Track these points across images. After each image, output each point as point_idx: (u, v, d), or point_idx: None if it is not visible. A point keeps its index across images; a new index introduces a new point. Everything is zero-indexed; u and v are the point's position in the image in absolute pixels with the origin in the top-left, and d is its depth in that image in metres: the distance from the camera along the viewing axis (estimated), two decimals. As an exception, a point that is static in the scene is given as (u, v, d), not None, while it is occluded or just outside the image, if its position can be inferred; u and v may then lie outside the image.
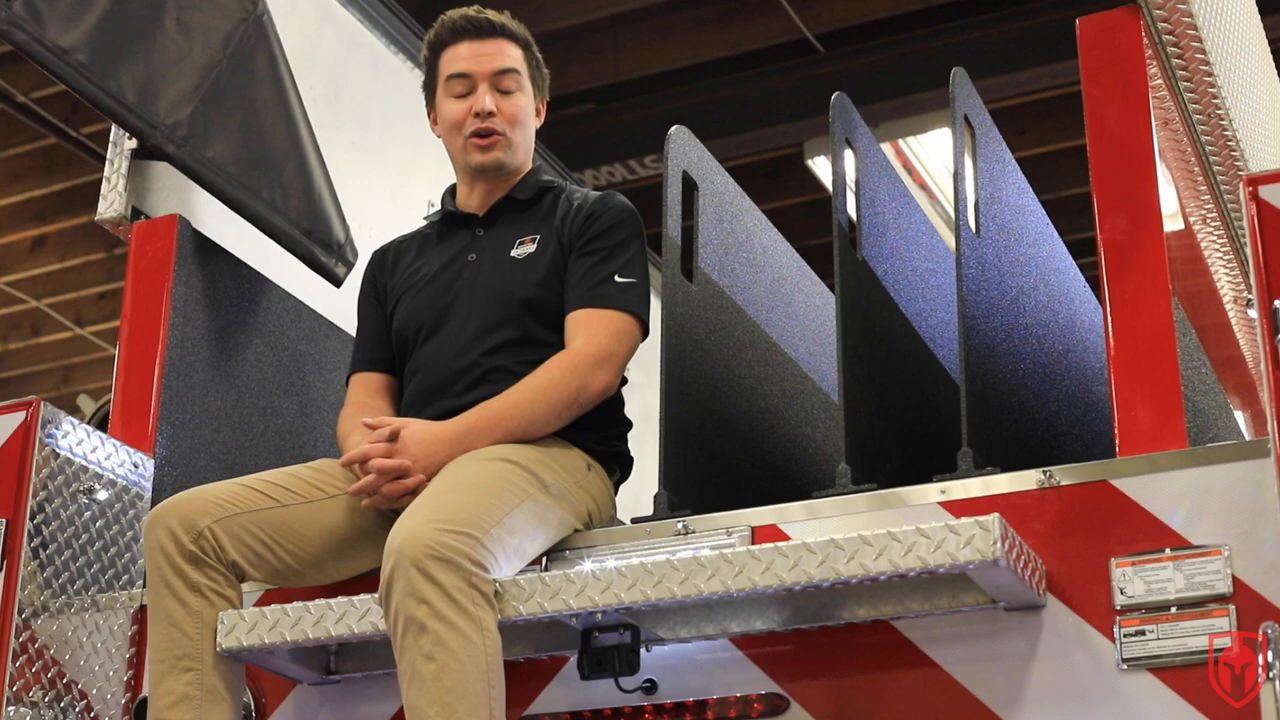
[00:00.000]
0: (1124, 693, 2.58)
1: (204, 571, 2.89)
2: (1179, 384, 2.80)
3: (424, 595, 2.62)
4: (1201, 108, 3.28)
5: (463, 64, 3.32)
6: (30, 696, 3.11)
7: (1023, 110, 8.01)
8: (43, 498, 3.19)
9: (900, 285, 3.44)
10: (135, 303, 3.69)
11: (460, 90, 3.32)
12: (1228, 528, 2.59)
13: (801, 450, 3.64)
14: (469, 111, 3.30)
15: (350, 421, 3.24)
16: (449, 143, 3.37)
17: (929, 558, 2.51)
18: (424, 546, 2.64)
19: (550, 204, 3.34)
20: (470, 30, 3.34)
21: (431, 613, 2.61)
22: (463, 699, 2.58)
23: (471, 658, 2.61)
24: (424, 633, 2.61)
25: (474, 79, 3.31)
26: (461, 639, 2.61)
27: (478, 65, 3.32)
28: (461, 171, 3.41)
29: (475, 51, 3.33)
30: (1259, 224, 2.54)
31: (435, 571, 2.63)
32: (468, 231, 3.36)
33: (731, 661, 2.85)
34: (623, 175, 8.44)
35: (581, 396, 3.08)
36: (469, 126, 3.30)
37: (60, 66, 3.46)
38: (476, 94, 3.31)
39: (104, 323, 10.54)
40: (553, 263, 3.23)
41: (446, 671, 2.59)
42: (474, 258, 3.30)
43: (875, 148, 3.49)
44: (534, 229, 3.30)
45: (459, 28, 3.35)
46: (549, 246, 3.26)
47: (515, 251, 3.28)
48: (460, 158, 3.36)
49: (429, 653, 2.60)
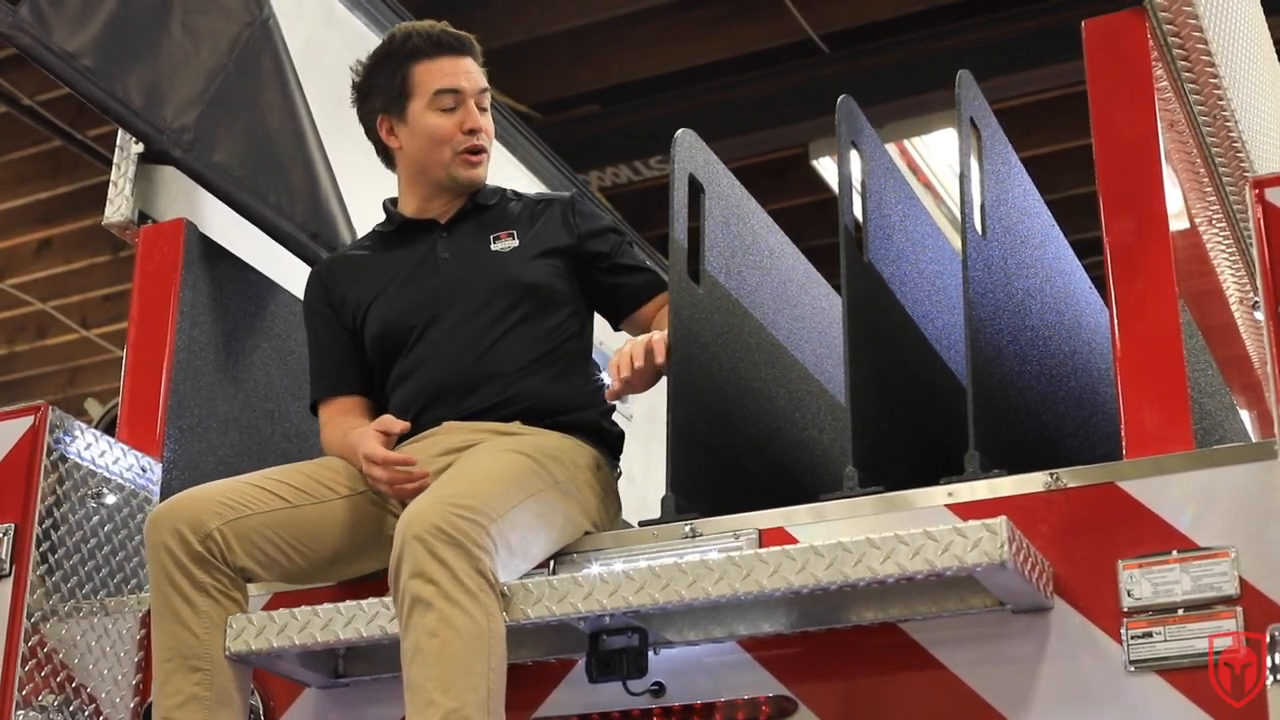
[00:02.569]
0: (1131, 694, 2.58)
1: (211, 572, 2.89)
2: (1185, 386, 2.80)
3: (432, 575, 2.63)
4: (1207, 109, 3.28)
5: (452, 80, 3.32)
6: (40, 700, 3.12)
7: (1027, 110, 8.01)
8: (51, 502, 3.20)
9: (906, 288, 3.44)
10: (142, 307, 3.70)
11: (449, 105, 3.31)
12: (1234, 530, 2.59)
13: (808, 452, 3.64)
14: (458, 127, 3.31)
15: (342, 432, 3.21)
16: (427, 154, 3.34)
17: (936, 561, 2.51)
18: (432, 525, 2.66)
19: (506, 207, 3.39)
20: (454, 46, 3.36)
21: (439, 592, 2.63)
22: (462, 675, 2.60)
23: (474, 636, 2.63)
24: (430, 610, 2.62)
25: (463, 95, 3.32)
26: (466, 618, 2.63)
27: (467, 82, 3.34)
28: (425, 184, 3.38)
29: (460, 68, 3.35)
30: (1265, 227, 2.54)
31: (444, 553, 2.64)
32: (428, 235, 3.36)
33: (739, 664, 2.86)
34: (628, 176, 8.44)
35: None
36: (460, 143, 3.31)
37: (66, 71, 3.47)
38: (466, 110, 3.32)
39: (110, 325, 10.55)
40: (552, 257, 3.28)
41: (448, 647, 2.61)
42: (448, 256, 3.31)
43: (880, 150, 3.49)
44: (506, 226, 3.34)
45: (441, 41, 3.35)
46: (540, 243, 3.30)
47: (495, 246, 3.30)
48: (439, 171, 3.34)
49: (433, 629, 2.62)
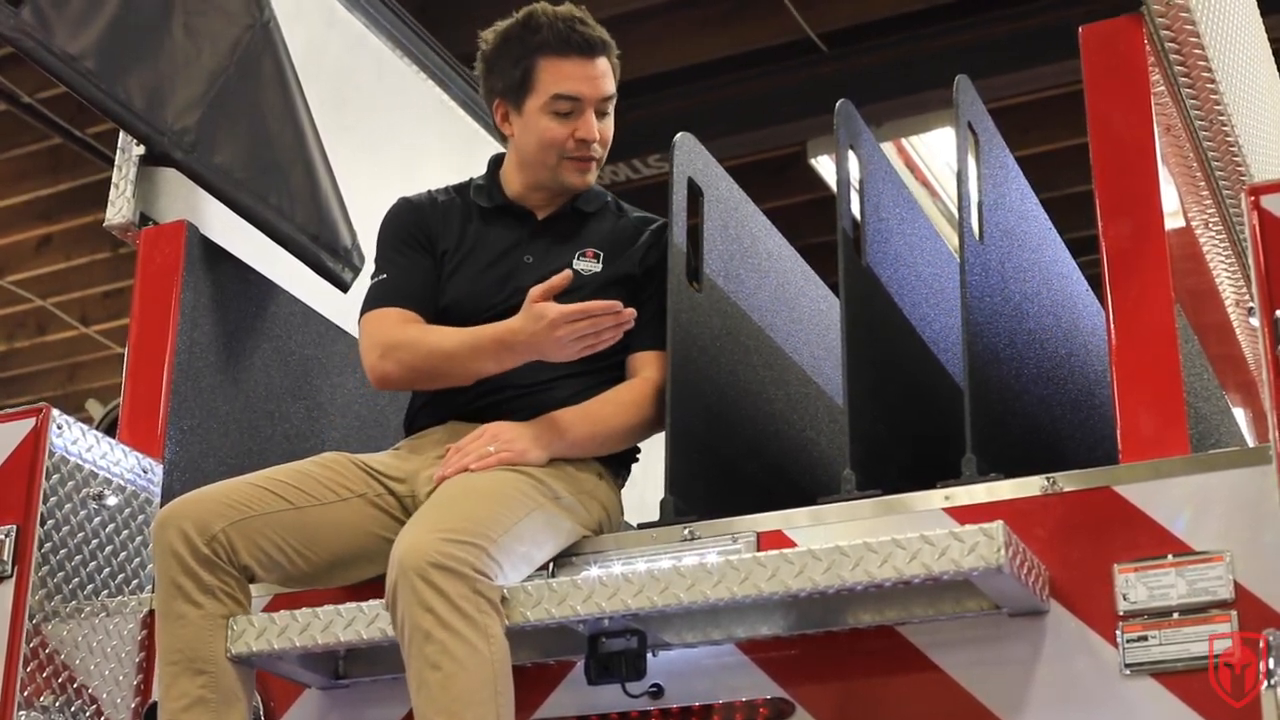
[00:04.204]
0: (1127, 698, 2.59)
1: (216, 574, 2.88)
2: (1181, 390, 2.81)
3: (429, 604, 2.63)
4: (1204, 113, 3.29)
5: (574, 85, 3.19)
6: (41, 701, 3.13)
7: (1025, 109, 8.01)
8: (52, 503, 3.21)
9: (904, 291, 3.46)
10: (143, 308, 3.71)
11: (565, 110, 3.20)
12: (1230, 534, 2.61)
13: (806, 455, 3.65)
14: (571, 134, 3.21)
15: (401, 328, 3.17)
16: (537, 155, 3.24)
17: (933, 564, 2.53)
18: (427, 556, 2.65)
19: (607, 218, 3.33)
20: (584, 48, 3.21)
21: (437, 621, 2.62)
22: (470, 706, 2.59)
23: (478, 665, 2.62)
24: (429, 641, 2.62)
25: (584, 103, 3.21)
26: (467, 647, 2.62)
27: (589, 89, 3.21)
28: (531, 176, 3.30)
29: (586, 73, 3.21)
30: (1261, 234, 2.56)
31: (439, 580, 2.64)
32: (519, 225, 3.31)
33: (737, 666, 2.87)
34: (626, 175, 8.44)
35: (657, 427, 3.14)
36: (571, 150, 3.22)
37: (68, 73, 3.48)
38: (583, 118, 3.21)
39: (109, 321, 10.55)
40: (621, 287, 3.21)
41: (453, 680, 2.60)
42: (530, 260, 3.25)
43: (879, 153, 3.51)
44: (595, 243, 3.28)
45: (573, 41, 3.20)
46: (618, 269, 3.25)
47: (579, 264, 3.23)
48: (545, 173, 3.26)
49: (435, 661, 2.61)
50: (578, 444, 3.10)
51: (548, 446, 3.05)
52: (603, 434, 3.13)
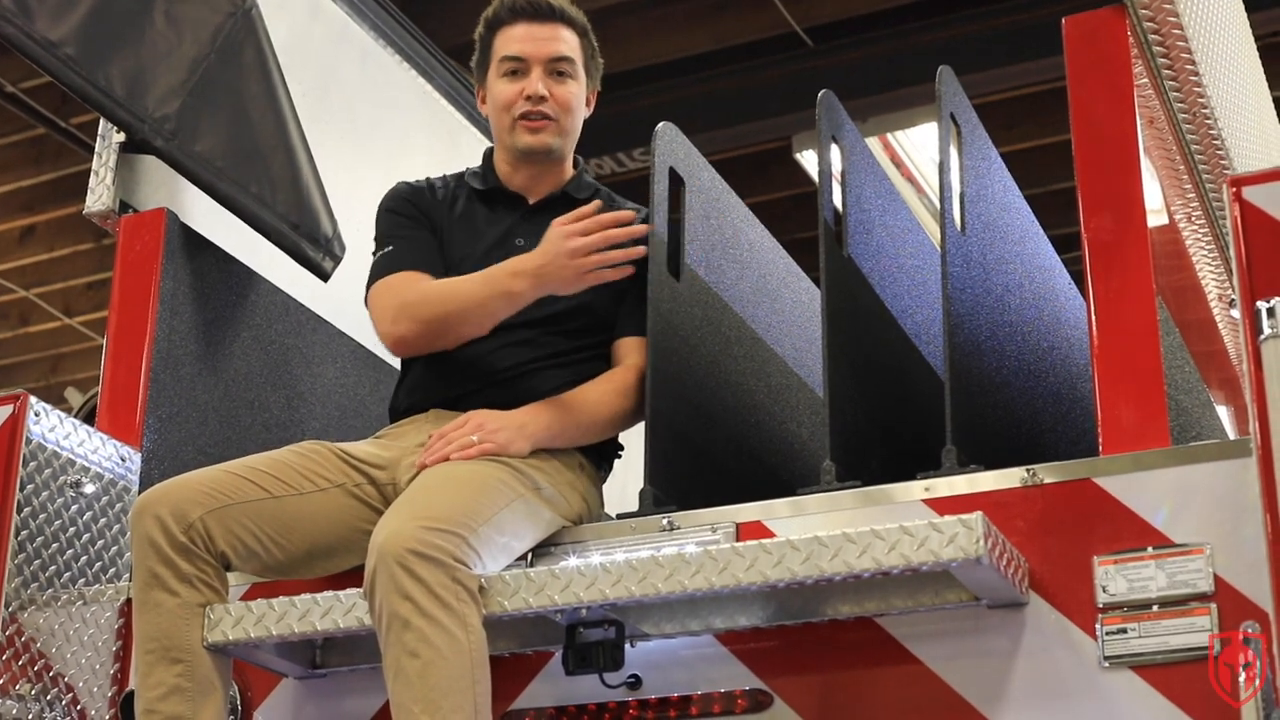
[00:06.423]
0: (1106, 690, 2.59)
1: (194, 562, 2.86)
2: (1162, 383, 2.81)
3: (408, 591, 2.62)
4: (1186, 106, 3.29)
5: (517, 46, 3.31)
6: (17, 690, 3.12)
7: (1010, 105, 8.03)
8: (29, 491, 3.19)
9: (885, 282, 3.45)
10: (123, 296, 3.69)
11: (512, 69, 3.30)
12: (1210, 526, 2.61)
13: (787, 446, 3.65)
14: (520, 94, 3.29)
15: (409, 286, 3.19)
16: (496, 122, 3.35)
17: (913, 555, 2.52)
18: (407, 544, 2.64)
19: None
20: (529, 12, 3.33)
21: (415, 609, 2.61)
22: (447, 695, 2.58)
23: (456, 654, 2.61)
24: (407, 629, 2.61)
25: (528, 62, 3.30)
26: (445, 635, 2.61)
27: (533, 49, 3.30)
28: (506, 151, 3.38)
29: (531, 35, 3.31)
30: (1242, 225, 2.55)
31: (418, 568, 2.63)
32: (511, 210, 3.36)
33: (716, 657, 2.87)
34: (611, 168, 8.43)
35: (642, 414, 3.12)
36: (518, 108, 3.29)
37: (48, 60, 3.46)
38: (529, 77, 3.29)
39: (92, 313, 10.53)
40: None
41: (431, 668, 2.59)
42: (522, 243, 3.25)
43: (861, 144, 3.50)
44: None
45: (517, 8, 3.33)
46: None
47: None
48: (506, 138, 3.34)
49: (413, 649, 2.60)
50: (563, 433, 3.10)
51: (531, 437, 3.05)
52: (587, 422, 3.13)
